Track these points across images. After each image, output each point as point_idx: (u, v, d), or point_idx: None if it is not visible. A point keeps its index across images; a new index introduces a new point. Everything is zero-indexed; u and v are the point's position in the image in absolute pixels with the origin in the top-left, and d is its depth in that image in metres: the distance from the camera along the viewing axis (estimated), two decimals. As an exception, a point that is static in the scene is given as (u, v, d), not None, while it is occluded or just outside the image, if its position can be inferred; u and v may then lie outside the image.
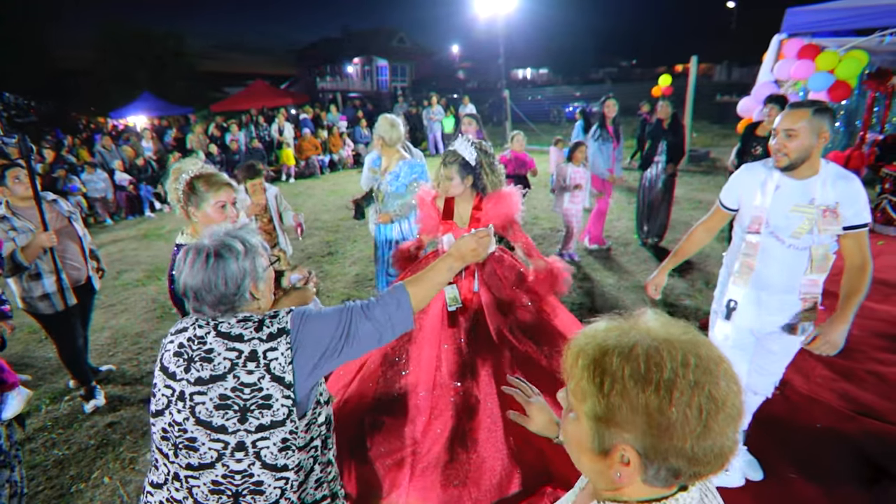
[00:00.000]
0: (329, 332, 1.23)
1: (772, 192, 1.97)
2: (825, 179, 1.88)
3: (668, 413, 0.62)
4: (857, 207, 1.86)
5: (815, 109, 1.86)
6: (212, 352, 1.18)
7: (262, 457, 1.17)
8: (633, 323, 0.71)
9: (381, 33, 44.30)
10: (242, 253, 1.23)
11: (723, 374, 0.65)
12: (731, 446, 0.66)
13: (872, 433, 2.69)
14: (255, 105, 16.07)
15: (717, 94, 16.77)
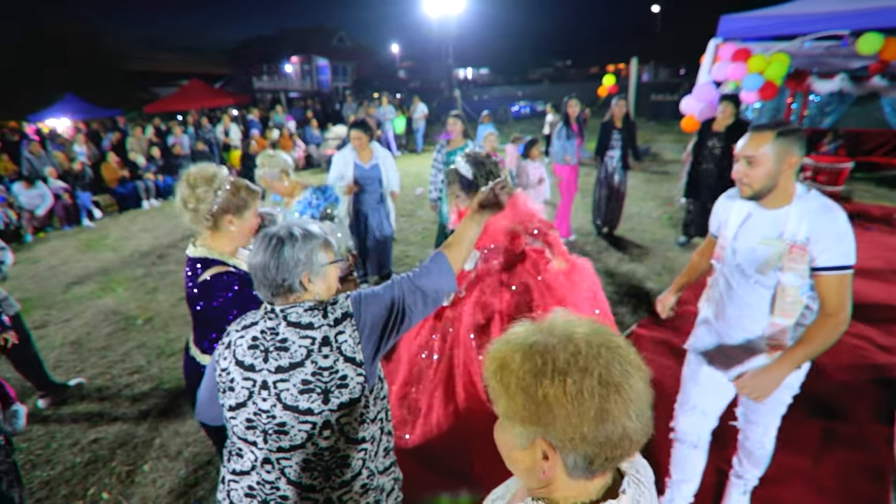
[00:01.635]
0: (386, 308, 1.33)
1: (742, 220, 1.78)
2: (801, 211, 1.62)
3: (564, 401, 0.66)
4: (836, 246, 1.58)
5: (779, 132, 1.62)
6: (286, 341, 1.24)
7: (346, 432, 1.26)
8: (540, 324, 0.75)
9: (319, 32, 43.38)
10: (300, 242, 1.26)
11: (617, 360, 0.68)
12: (636, 428, 0.68)
13: (819, 390, 3.09)
14: (192, 106, 15.34)
15: (653, 94, 17.88)
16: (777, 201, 1.67)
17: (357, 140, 4.40)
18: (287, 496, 1.26)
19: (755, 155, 1.63)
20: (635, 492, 0.77)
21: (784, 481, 2.42)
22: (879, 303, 4.08)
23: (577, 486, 0.74)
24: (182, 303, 5.09)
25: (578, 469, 0.70)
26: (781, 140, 1.61)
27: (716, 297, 1.92)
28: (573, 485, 0.73)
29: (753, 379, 1.66)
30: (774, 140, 1.61)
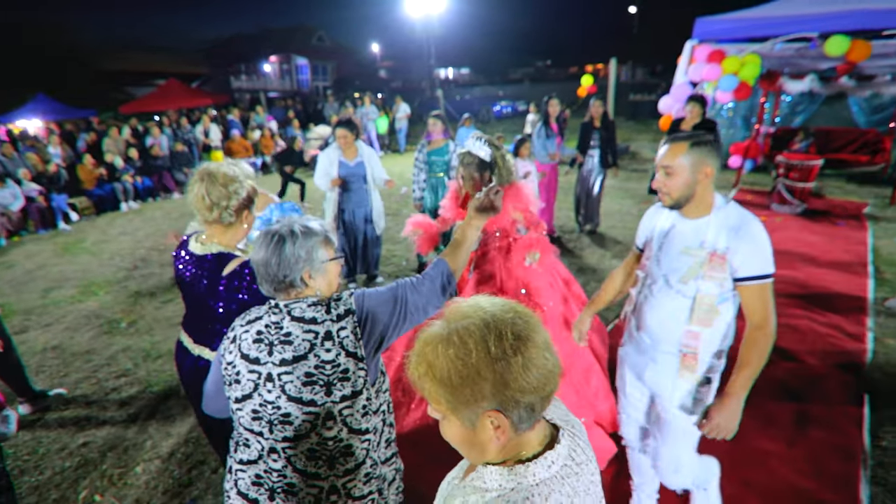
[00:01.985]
0: (388, 308, 1.37)
1: (666, 230, 1.80)
2: (719, 221, 1.66)
3: (495, 366, 0.73)
4: (755, 256, 1.60)
5: (693, 143, 1.65)
6: (290, 335, 1.28)
7: (349, 423, 1.30)
8: (447, 316, 0.81)
9: (299, 31, 42.94)
10: (300, 239, 1.30)
11: (518, 317, 0.78)
12: (553, 363, 0.78)
13: (794, 373, 3.25)
14: (170, 106, 15.07)
15: (631, 94, 18.19)
16: (698, 211, 1.70)
17: (343, 138, 4.42)
18: (294, 483, 1.30)
19: (672, 165, 1.66)
20: (571, 442, 0.87)
21: (760, 463, 2.55)
22: (848, 294, 4.27)
23: (523, 441, 0.82)
24: (167, 305, 5.04)
25: (524, 421, 0.78)
26: (695, 151, 1.64)
27: (637, 308, 1.93)
28: (520, 440, 0.81)
29: (713, 419, 1.70)
30: (689, 151, 1.64)
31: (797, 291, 4.35)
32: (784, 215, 6.35)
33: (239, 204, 1.77)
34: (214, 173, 1.74)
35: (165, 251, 6.77)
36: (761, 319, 1.65)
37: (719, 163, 1.69)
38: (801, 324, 3.81)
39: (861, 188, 7.54)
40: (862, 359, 3.36)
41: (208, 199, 1.71)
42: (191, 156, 11.16)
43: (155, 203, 9.90)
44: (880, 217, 6.25)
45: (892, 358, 3.37)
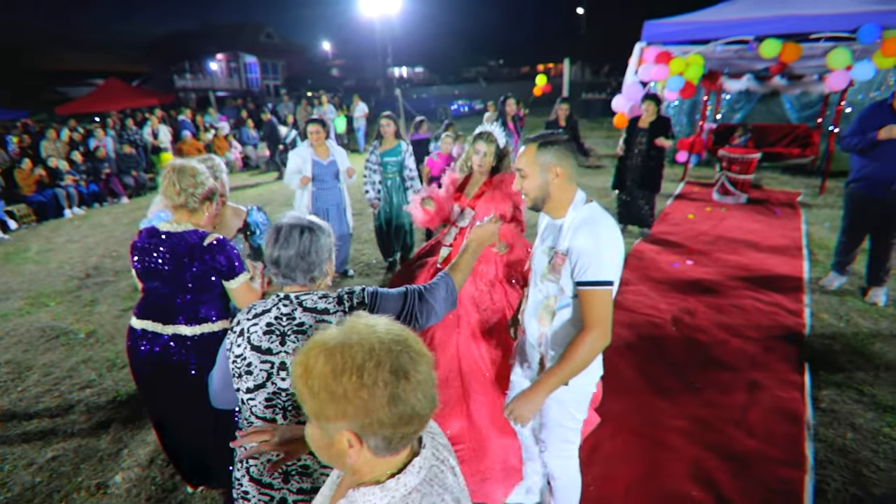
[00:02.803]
0: (397, 310, 1.46)
1: (542, 230, 1.83)
2: (570, 222, 1.65)
3: (362, 392, 0.74)
4: (592, 261, 1.57)
5: (540, 144, 1.65)
6: (303, 325, 1.35)
7: None
8: (343, 326, 0.82)
9: (246, 28, 41.59)
10: (326, 232, 1.43)
11: (405, 351, 0.78)
12: (423, 406, 0.78)
13: (742, 348, 3.55)
14: (113, 106, 14.34)
15: (583, 93, 18.81)
16: (558, 212, 1.70)
17: (315, 134, 4.44)
18: (308, 465, 1.36)
19: (523, 168, 1.67)
20: (432, 442, 0.90)
21: (718, 430, 2.79)
22: (787, 274, 4.68)
23: (384, 462, 0.83)
24: (127, 313, 4.85)
25: (381, 449, 0.79)
26: (543, 152, 1.63)
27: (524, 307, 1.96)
28: (380, 462, 0.82)
29: (514, 403, 1.66)
30: (537, 152, 1.64)
31: (743, 274, 4.72)
32: (728, 205, 6.83)
33: (203, 193, 2.05)
34: (184, 166, 2.03)
35: (119, 258, 6.48)
36: (592, 322, 1.60)
37: (573, 161, 1.68)
38: (746, 303, 4.15)
39: (794, 179, 8.20)
40: (801, 332, 3.70)
41: (178, 185, 1.99)
42: (139, 158, 10.69)
43: (102, 209, 9.42)
44: (811, 205, 6.83)
45: (827, 330, 3.74)
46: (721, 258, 5.11)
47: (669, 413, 2.95)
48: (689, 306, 4.15)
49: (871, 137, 3.72)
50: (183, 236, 2.00)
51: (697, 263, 5.02)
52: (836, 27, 4.88)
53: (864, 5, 4.82)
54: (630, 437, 2.77)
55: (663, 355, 3.52)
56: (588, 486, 2.49)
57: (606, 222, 1.63)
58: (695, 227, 6.04)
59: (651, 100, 5.13)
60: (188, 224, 2.03)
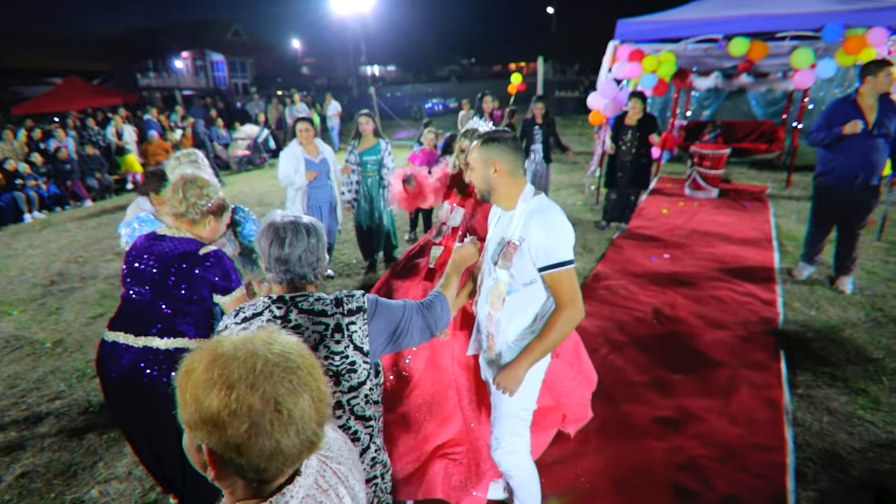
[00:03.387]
0: (395, 319, 1.44)
1: (496, 221, 1.92)
2: (521, 213, 1.74)
3: (224, 413, 0.68)
4: (550, 245, 1.67)
5: (483, 141, 1.75)
6: (299, 327, 1.31)
7: (355, 411, 1.36)
8: (245, 335, 0.78)
9: (212, 25, 40.56)
10: (321, 234, 1.42)
11: (289, 380, 0.71)
12: (292, 444, 0.71)
13: (720, 338, 3.64)
14: (73, 106, 13.76)
15: (556, 91, 19.03)
16: (508, 203, 1.80)
17: (305, 133, 4.39)
18: None
19: (470, 161, 1.80)
20: (319, 468, 0.84)
21: (703, 418, 2.86)
22: (759, 265, 4.83)
23: (253, 486, 0.76)
24: (97, 321, 4.65)
25: (244, 473, 0.73)
26: (484, 147, 1.74)
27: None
28: (248, 485, 0.76)
29: (500, 375, 1.77)
30: (480, 147, 1.75)
31: (717, 266, 4.85)
32: (700, 200, 7.01)
33: (208, 207, 1.99)
34: (196, 177, 2.00)
35: (85, 264, 6.23)
36: (564, 302, 1.71)
37: (514, 157, 1.75)
38: (723, 294, 4.26)
39: (760, 173, 8.49)
40: (776, 321, 3.83)
41: (181, 192, 1.94)
42: (103, 159, 10.28)
43: (64, 212, 9.02)
44: (778, 198, 7.08)
45: (800, 318, 3.88)
46: (696, 251, 5.24)
47: (655, 404, 3.00)
48: (669, 298, 4.24)
49: (837, 132, 3.86)
50: (179, 242, 1.97)
51: (674, 257, 5.14)
52: (801, 26, 5.06)
53: (828, 5, 5.02)
54: (617, 429, 2.81)
55: (646, 347, 3.58)
56: (579, 478, 2.51)
57: (554, 210, 1.76)
58: (669, 222, 6.18)
59: (637, 97, 5.20)
60: (187, 233, 2.00)
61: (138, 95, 19.61)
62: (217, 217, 2.05)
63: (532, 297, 1.81)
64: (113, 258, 6.35)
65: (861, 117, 3.81)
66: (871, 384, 3.08)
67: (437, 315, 1.55)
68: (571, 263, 1.71)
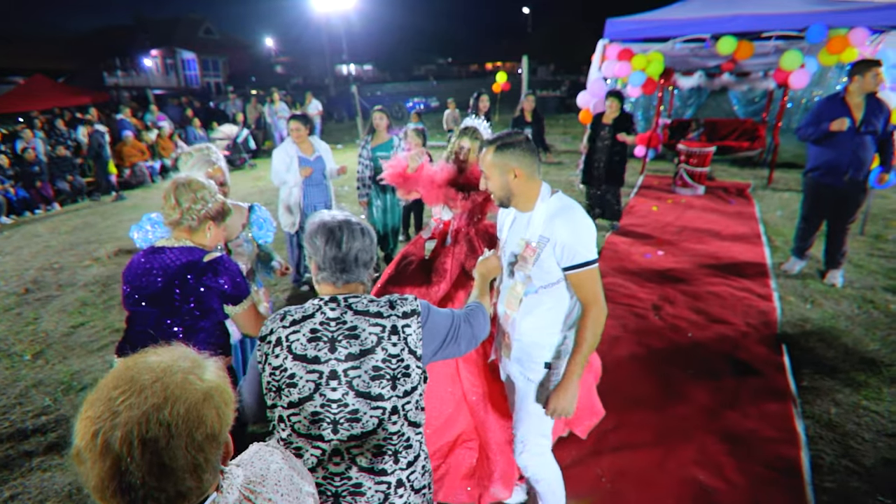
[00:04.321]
0: (446, 326, 1.41)
1: (511, 223, 1.90)
2: (541, 213, 1.72)
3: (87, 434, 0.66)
4: (574, 244, 1.64)
5: (498, 146, 1.70)
6: (356, 328, 1.26)
7: (408, 417, 1.30)
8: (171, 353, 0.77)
9: (182, 22, 39.52)
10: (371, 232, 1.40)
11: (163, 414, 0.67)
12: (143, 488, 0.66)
13: (722, 333, 3.69)
14: (40, 106, 13.18)
15: (537, 90, 19.15)
16: (525, 205, 1.76)
17: (296, 132, 4.28)
18: (361, 483, 1.26)
19: (485, 170, 1.75)
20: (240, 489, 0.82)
21: (715, 413, 2.88)
22: (751, 261, 4.92)
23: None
24: (79, 330, 4.43)
25: None
26: (499, 154, 1.69)
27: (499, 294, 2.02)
28: None
29: (553, 400, 1.73)
30: (494, 154, 1.70)
31: (711, 262, 4.92)
32: (687, 197, 7.13)
33: (205, 213, 1.86)
34: (189, 181, 1.86)
35: (62, 271, 5.94)
36: (590, 300, 1.70)
37: (532, 159, 1.72)
38: (721, 290, 4.32)
39: (742, 171, 8.68)
40: (774, 315, 3.90)
41: (173, 198, 1.82)
42: (75, 161, 9.86)
43: (34, 217, 8.62)
44: (762, 195, 7.25)
45: (796, 312, 3.96)
46: (689, 247, 5.31)
47: (666, 400, 3.01)
48: (667, 295, 4.28)
49: (824, 128, 3.98)
50: (180, 253, 1.84)
51: (668, 253, 5.20)
52: (786, 26, 5.19)
53: (811, 6, 5.15)
54: (631, 428, 2.80)
55: (649, 344, 3.60)
56: (600, 478, 2.49)
57: (577, 208, 1.74)
58: (660, 219, 6.25)
59: (614, 97, 5.27)
60: (187, 241, 1.87)
61: (107, 95, 18.92)
62: (217, 222, 1.92)
63: (550, 298, 1.78)
64: (91, 264, 6.08)
65: (849, 115, 3.93)
66: (871, 375, 3.15)
67: (481, 325, 1.53)
68: (596, 262, 1.70)
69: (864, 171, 4.05)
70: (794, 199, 6.65)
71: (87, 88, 20.40)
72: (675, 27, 5.69)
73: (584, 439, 2.68)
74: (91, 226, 7.87)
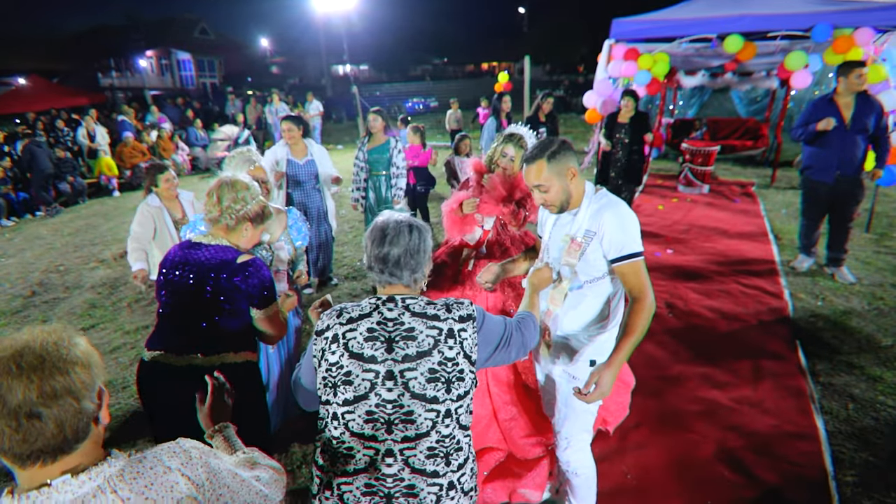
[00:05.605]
0: (499, 332, 1.42)
1: (553, 222, 1.94)
2: (588, 209, 1.77)
3: None
4: (621, 237, 1.70)
5: (549, 156, 1.72)
6: (413, 330, 1.27)
7: (460, 420, 1.31)
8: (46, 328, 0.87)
9: (177, 23, 39.28)
10: (430, 232, 1.41)
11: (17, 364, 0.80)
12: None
13: (736, 330, 3.72)
14: (36, 107, 13.11)
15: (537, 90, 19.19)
16: (573, 204, 1.80)
17: (288, 132, 4.21)
18: (414, 485, 1.26)
19: (542, 183, 1.73)
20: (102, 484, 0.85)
21: (734, 410, 2.90)
22: (760, 258, 4.96)
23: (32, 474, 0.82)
24: (91, 332, 4.41)
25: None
26: (555, 161, 1.72)
27: None
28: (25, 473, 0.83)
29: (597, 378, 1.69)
30: (548, 164, 1.72)
31: (721, 260, 4.96)
32: (693, 196, 7.18)
33: (244, 213, 1.87)
34: (235, 182, 1.89)
35: (67, 272, 5.91)
36: (638, 293, 1.73)
37: (577, 159, 1.80)
38: (731, 288, 4.36)
39: (745, 170, 8.75)
40: (786, 312, 3.93)
41: (216, 196, 1.85)
42: (75, 162, 9.81)
43: (35, 219, 8.56)
44: (765, 193, 7.31)
45: (808, 309, 3.99)
46: (698, 246, 5.35)
47: (685, 398, 3.04)
48: (680, 293, 4.31)
49: (812, 129, 4.13)
50: (215, 251, 1.85)
51: (678, 252, 5.23)
52: (792, 26, 5.24)
53: (817, 6, 5.21)
54: (654, 425, 2.83)
55: (665, 341, 3.63)
56: (625, 474, 2.51)
57: (622, 203, 1.79)
58: (667, 218, 6.29)
59: (630, 96, 5.29)
60: (223, 240, 1.87)
61: (104, 96, 18.83)
62: (255, 224, 1.92)
63: (594, 293, 1.81)
64: (97, 266, 6.05)
65: (837, 114, 4.06)
66: (885, 370, 3.19)
67: (531, 333, 1.54)
68: (642, 255, 1.73)
69: (855, 167, 4.15)
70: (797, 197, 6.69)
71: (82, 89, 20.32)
72: (681, 27, 5.73)
73: (610, 435, 2.71)
74: (94, 227, 7.83)
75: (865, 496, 2.33)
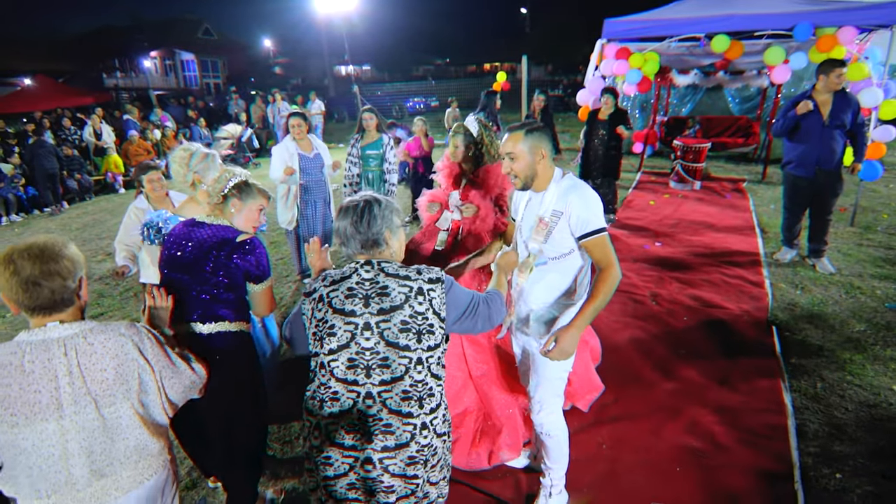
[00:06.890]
0: (466, 300, 1.58)
1: (526, 203, 2.07)
2: (555, 191, 1.92)
3: None
4: (585, 215, 1.85)
5: (527, 130, 1.88)
6: (387, 288, 1.45)
7: (431, 369, 1.49)
8: None
9: (181, 23, 39.55)
10: (383, 204, 1.55)
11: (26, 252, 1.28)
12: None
13: (716, 317, 3.88)
14: (43, 106, 13.35)
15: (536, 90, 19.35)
16: (541, 186, 1.96)
17: (297, 128, 4.41)
18: (390, 423, 1.45)
19: (513, 151, 1.89)
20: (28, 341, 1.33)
21: (708, 388, 3.07)
22: (745, 251, 5.12)
23: (37, 321, 1.35)
24: (98, 320, 4.61)
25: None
26: (531, 136, 1.88)
27: None
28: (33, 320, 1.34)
29: (559, 339, 1.84)
30: (525, 137, 1.88)
31: (706, 252, 5.12)
32: (684, 192, 7.33)
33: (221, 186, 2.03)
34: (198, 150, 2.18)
35: (76, 264, 6.10)
36: (605, 264, 1.90)
37: (550, 143, 1.95)
38: (714, 278, 4.52)
39: (737, 167, 8.89)
40: (765, 300, 4.09)
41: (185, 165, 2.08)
42: (82, 160, 10.03)
43: (43, 215, 8.78)
44: (756, 190, 7.45)
45: (787, 297, 4.15)
46: (685, 239, 5.51)
47: (662, 378, 3.20)
48: (664, 282, 4.47)
49: (792, 115, 4.31)
50: (217, 229, 2.00)
51: (665, 245, 5.39)
52: (776, 26, 5.39)
53: (801, 6, 5.36)
54: (631, 400, 2.99)
55: (648, 327, 3.79)
56: (601, 445, 2.68)
57: (586, 185, 1.96)
58: (657, 212, 6.45)
59: (609, 93, 5.50)
60: (223, 220, 2.04)
61: (109, 95, 19.08)
62: (241, 199, 2.04)
63: (560, 269, 1.98)
64: (104, 259, 6.25)
65: (816, 110, 4.22)
66: (856, 353, 3.35)
67: (497, 307, 1.68)
68: (606, 230, 1.91)
69: (833, 162, 4.32)
70: (786, 193, 6.85)
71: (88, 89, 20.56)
72: (670, 27, 5.89)
73: (586, 412, 2.87)
74: (101, 222, 8.04)
75: (825, 465, 2.49)
